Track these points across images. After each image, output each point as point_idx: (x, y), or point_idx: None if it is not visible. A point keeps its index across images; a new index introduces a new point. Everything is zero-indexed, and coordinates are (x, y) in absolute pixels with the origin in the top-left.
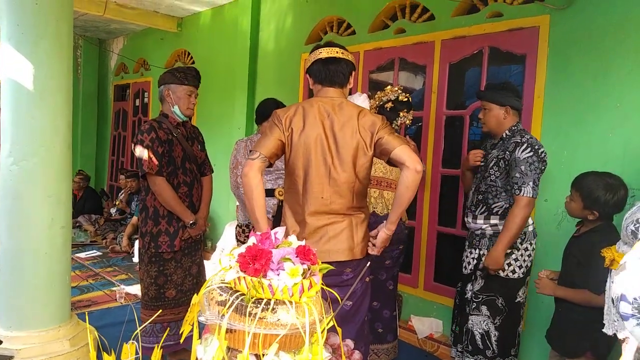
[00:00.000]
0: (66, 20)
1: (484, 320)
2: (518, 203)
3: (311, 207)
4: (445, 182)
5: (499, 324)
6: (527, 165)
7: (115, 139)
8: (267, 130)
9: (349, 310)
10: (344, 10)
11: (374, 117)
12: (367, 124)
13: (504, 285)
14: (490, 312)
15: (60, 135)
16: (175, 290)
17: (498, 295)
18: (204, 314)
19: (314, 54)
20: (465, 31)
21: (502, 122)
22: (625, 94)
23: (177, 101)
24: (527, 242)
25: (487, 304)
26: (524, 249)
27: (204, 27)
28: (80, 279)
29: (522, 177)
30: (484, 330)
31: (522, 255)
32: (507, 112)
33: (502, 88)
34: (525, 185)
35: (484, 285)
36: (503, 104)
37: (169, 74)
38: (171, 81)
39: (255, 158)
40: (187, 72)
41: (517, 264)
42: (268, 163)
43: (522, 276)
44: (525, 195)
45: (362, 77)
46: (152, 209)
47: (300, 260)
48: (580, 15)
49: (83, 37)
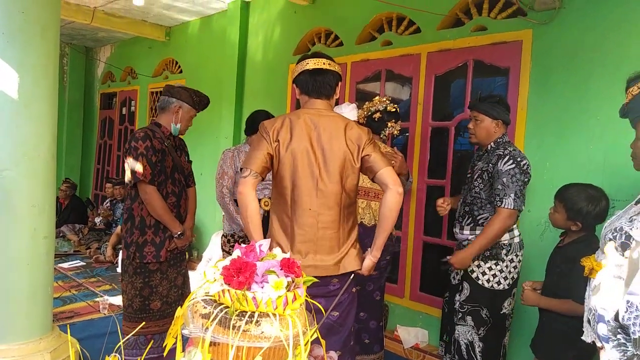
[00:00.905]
0: (53, 29)
1: (468, 331)
2: (499, 214)
3: (299, 219)
4: (431, 192)
5: (483, 335)
6: (508, 177)
7: (101, 148)
8: (255, 144)
9: (336, 321)
10: (332, 22)
11: (360, 130)
12: (353, 136)
13: (489, 297)
14: (475, 322)
15: (45, 145)
16: (160, 302)
17: (482, 306)
18: (187, 327)
19: (301, 65)
20: (451, 44)
21: (491, 135)
22: (604, 107)
23: (182, 120)
24: (513, 253)
25: (472, 314)
26: (509, 260)
27: (192, 37)
28: (62, 290)
29: (503, 188)
30: (468, 341)
31: (508, 267)
32: (498, 126)
33: (497, 102)
34: (507, 197)
35: (469, 296)
36: (496, 117)
37: (187, 94)
38: (187, 101)
39: (247, 175)
40: (202, 99)
41: (502, 275)
42: (260, 178)
43: (507, 287)
44: (506, 207)
45: (350, 88)
46: (138, 218)
47: (284, 272)
48: (561, 30)
49: (70, 45)
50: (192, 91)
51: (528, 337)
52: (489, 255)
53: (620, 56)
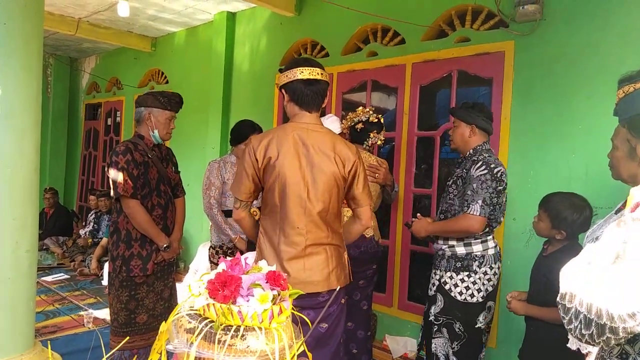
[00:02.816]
0: (36, 40)
1: (445, 343)
2: (462, 217)
3: (287, 237)
4: (417, 201)
5: (457, 350)
6: (479, 183)
7: (86, 159)
8: (241, 164)
9: (325, 332)
10: (318, 33)
11: (349, 150)
12: (342, 154)
13: (463, 309)
14: (450, 336)
15: (27, 157)
16: (146, 315)
17: (455, 320)
18: (172, 342)
19: (293, 72)
20: (435, 55)
21: (467, 141)
22: (586, 116)
23: (157, 125)
24: (487, 265)
25: (446, 326)
26: (483, 272)
27: (178, 48)
28: (45, 304)
29: (472, 194)
30: (444, 353)
31: (481, 279)
32: (473, 131)
33: (471, 107)
34: (474, 203)
35: (443, 308)
36: (469, 122)
37: (152, 98)
38: (154, 105)
39: (239, 207)
40: (170, 98)
41: (476, 288)
42: (252, 203)
43: (481, 300)
44: (472, 212)
45: (336, 98)
46: (124, 231)
47: (270, 285)
48: (542, 41)
49: (54, 56)
50: (158, 93)
51: (515, 345)
52: (461, 267)
53: (600, 67)
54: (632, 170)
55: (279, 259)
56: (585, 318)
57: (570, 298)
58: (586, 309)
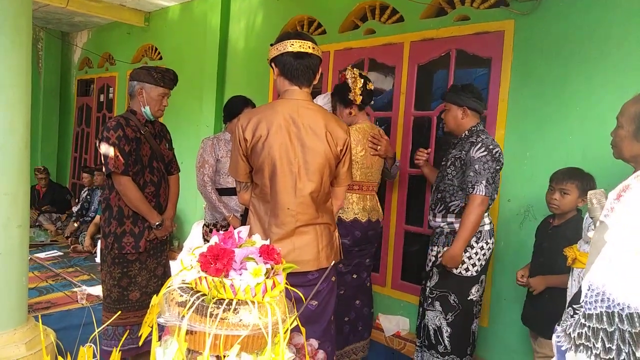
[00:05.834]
0: (25, 15)
1: (437, 316)
2: (472, 201)
3: (277, 218)
4: (412, 181)
5: (451, 321)
6: (480, 164)
7: (78, 135)
8: (234, 148)
9: (315, 310)
10: (315, 10)
11: (340, 129)
12: (334, 132)
13: (457, 283)
14: (443, 308)
15: (17, 133)
16: (139, 292)
17: (450, 292)
18: (163, 316)
19: (283, 45)
20: (434, 33)
21: (460, 123)
22: (583, 98)
23: (149, 101)
24: (483, 241)
25: (440, 300)
26: (480, 247)
27: (172, 23)
28: (39, 280)
29: (475, 176)
30: (436, 326)
31: (477, 254)
32: (465, 113)
33: (461, 89)
34: (478, 184)
35: (438, 282)
36: (460, 104)
37: (146, 72)
38: (147, 80)
39: (240, 190)
40: (164, 74)
41: (471, 262)
42: (251, 182)
43: (475, 274)
44: (478, 193)
45: (332, 76)
46: (116, 208)
47: (263, 259)
48: (542, 22)
49: (45, 30)
50: (152, 68)
51: (506, 323)
52: None
53: (601, 49)
54: (635, 151)
55: (268, 238)
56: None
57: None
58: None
